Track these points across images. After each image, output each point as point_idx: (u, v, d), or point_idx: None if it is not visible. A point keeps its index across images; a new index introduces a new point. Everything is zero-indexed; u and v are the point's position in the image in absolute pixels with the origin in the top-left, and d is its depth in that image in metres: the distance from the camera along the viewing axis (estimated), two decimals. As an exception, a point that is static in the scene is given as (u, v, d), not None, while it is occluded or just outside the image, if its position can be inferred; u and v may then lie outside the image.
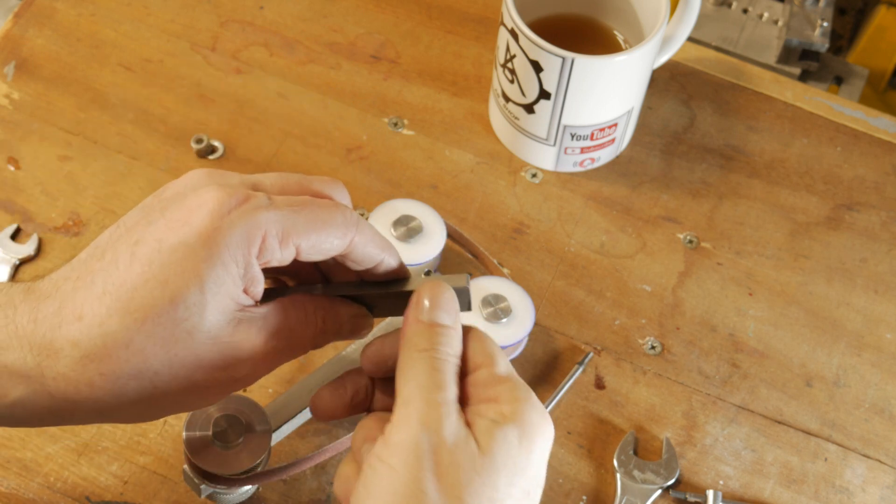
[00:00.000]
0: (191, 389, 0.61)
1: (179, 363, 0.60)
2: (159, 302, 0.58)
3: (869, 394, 0.84)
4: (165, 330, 0.59)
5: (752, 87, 0.97)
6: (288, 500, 0.77)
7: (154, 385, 0.60)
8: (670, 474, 0.79)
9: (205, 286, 0.59)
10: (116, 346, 0.59)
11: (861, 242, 0.90)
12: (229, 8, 0.97)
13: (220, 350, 0.60)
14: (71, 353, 0.59)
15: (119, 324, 0.59)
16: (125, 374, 0.59)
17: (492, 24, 0.98)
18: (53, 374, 0.59)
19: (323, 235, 0.61)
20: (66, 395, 0.60)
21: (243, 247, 0.59)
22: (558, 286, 0.87)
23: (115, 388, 0.60)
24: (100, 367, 0.59)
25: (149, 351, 0.59)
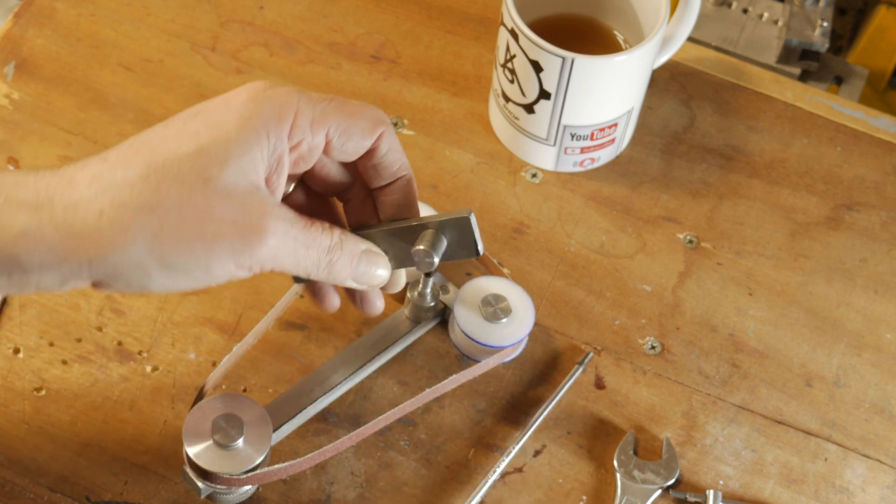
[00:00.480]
0: (198, 237, 0.62)
1: (192, 206, 0.61)
2: (185, 149, 0.62)
3: (869, 394, 0.84)
4: (183, 172, 0.61)
5: (752, 87, 0.97)
6: (288, 500, 0.77)
7: (161, 225, 0.61)
8: (670, 474, 0.79)
9: (230, 143, 0.62)
10: (133, 180, 0.61)
11: (861, 242, 0.90)
12: (229, 8, 0.97)
13: (232, 207, 0.62)
14: (88, 184, 0.61)
15: (141, 163, 0.62)
16: (135, 204, 0.61)
17: (492, 24, 0.98)
18: (64, 203, 0.61)
19: (353, 122, 0.66)
20: (72, 227, 0.61)
21: (275, 118, 0.63)
22: (558, 286, 0.87)
23: (124, 220, 0.61)
24: (112, 196, 0.61)
25: (164, 188, 0.61)
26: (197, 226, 0.62)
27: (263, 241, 0.63)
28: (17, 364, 0.81)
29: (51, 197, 0.62)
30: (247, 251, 0.63)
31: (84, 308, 0.83)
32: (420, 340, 0.83)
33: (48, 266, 0.62)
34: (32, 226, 0.61)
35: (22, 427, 0.78)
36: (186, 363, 0.81)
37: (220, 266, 0.63)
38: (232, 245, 0.63)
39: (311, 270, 0.67)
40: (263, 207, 0.64)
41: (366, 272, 0.70)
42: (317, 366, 0.81)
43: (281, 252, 0.64)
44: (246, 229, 0.63)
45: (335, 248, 0.67)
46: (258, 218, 0.63)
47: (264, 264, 0.64)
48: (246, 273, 0.64)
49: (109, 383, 0.80)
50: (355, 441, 0.75)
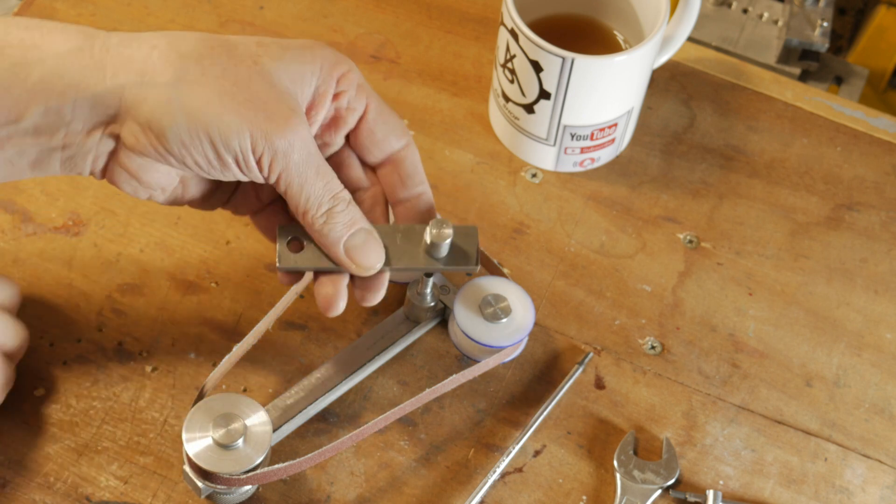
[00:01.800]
0: (230, 97, 0.64)
1: (234, 73, 0.64)
2: (246, 39, 0.66)
3: (869, 394, 0.84)
4: (238, 49, 0.65)
5: (752, 87, 0.97)
6: (288, 500, 0.77)
7: (203, 74, 0.64)
8: (670, 474, 0.79)
9: (288, 50, 0.67)
10: (193, 38, 0.65)
11: (861, 242, 0.90)
12: (229, 8, 0.97)
13: (269, 91, 0.64)
14: (150, 31, 0.65)
15: (204, 34, 0.66)
16: (186, 51, 0.64)
17: (492, 24, 0.98)
18: (121, 35, 0.64)
19: (390, 115, 0.70)
20: (122, 52, 0.64)
21: (331, 59, 0.68)
22: (558, 286, 0.87)
23: (171, 57, 0.64)
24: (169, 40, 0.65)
25: (216, 51, 0.65)
26: (233, 86, 0.64)
27: (286, 130, 0.65)
28: (17, 364, 0.81)
29: (108, 33, 0.65)
30: (265, 132, 0.64)
31: (84, 308, 0.83)
32: (420, 340, 0.83)
33: (86, 88, 0.63)
34: (85, 45, 0.64)
35: (22, 427, 0.78)
36: (186, 363, 0.81)
37: (238, 135, 0.64)
38: (255, 118, 0.64)
39: (311, 203, 0.67)
40: (294, 108, 0.66)
41: (358, 246, 0.70)
42: (317, 366, 0.81)
43: (294, 157, 0.65)
44: (274, 113, 0.64)
45: (341, 199, 0.68)
46: (287, 110, 0.65)
47: (275, 161, 0.65)
48: (254, 164, 0.65)
49: (109, 383, 0.80)
50: (355, 441, 0.75)
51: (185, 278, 0.85)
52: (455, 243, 0.72)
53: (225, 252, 0.86)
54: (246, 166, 0.65)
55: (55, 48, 0.63)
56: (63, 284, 0.84)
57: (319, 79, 0.68)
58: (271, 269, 0.85)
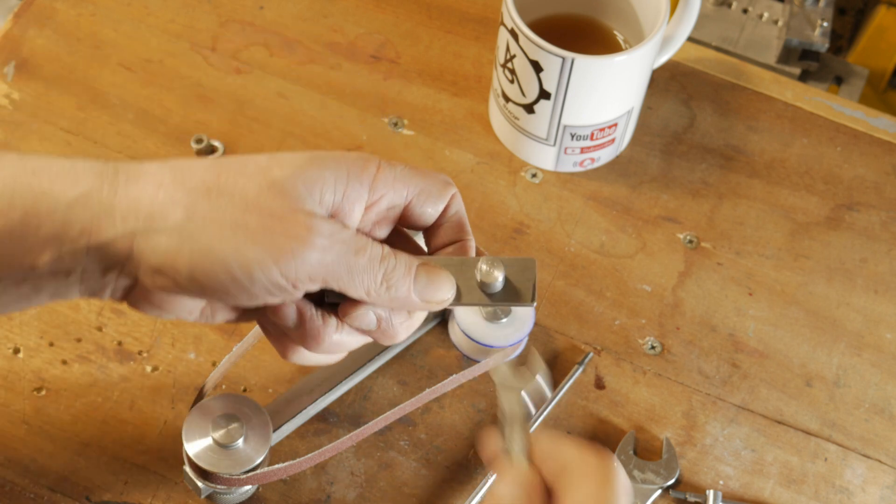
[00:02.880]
0: (242, 227, 0.61)
1: (243, 197, 0.61)
2: (258, 157, 0.63)
3: (869, 394, 0.84)
4: (248, 168, 0.62)
5: (752, 87, 0.97)
6: (288, 500, 0.77)
7: (212, 207, 0.61)
8: (670, 474, 0.79)
9: (304, 161, 0.63)
10: (199, 167, 0.63)
11: (861, 242, 0.90)
12: (229, 8, 0.97)
13: (282, 204, 0.61)
14: (156, 163, 0.63)
15: (212, 160, 0.63)
16: (193, 184, 0.62)
17: (492, 24, 0.98)
18: (128, 172, 0.62)
19: (430, 182, 0.66)
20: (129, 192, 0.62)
21: (358, 166, 0.64)
22: (558, 286, 0.87)
23: (177, 195, 0.61)
24: (174, 174, 0.62)
25: (224, 176, 0.62)
26: (244, 214, 0.61)
27: (310, 243, 0.61)
28: (17, 364, 0.81)
29: (117, 168, 0.62)
30: (291, 253, 0.60)
31: (84, 308, 0.83)
32: (420, 340, 0.83)
33: (98, 234, 0.61)
34: (94, 188, 0.62)
35: (22, 427, 0.78)
36: (186, 363, 0.81)
37: (260, 265, 0.60)
38: (275, 243, 0.60)
39: (367, 282, 0.63)
40: (311, 214, 0.62)
41: (428, 286, 0.65)
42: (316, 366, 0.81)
43: (329, 257, 0.61)
44: (292, 227, 0.61)
45: (388, 257, 0.63)
46: (305, 217, 0.61)
47: (313, 272, 0.61)
48: (290, 287, 0.61)
49: (109, 383, 0.80)
50: (355, 441, 0.75)
51: (185, 278, 0.84)
52: (509, 278, 0.66)
53: (225, 252, 0.85)
54: (280, 291, 0.62)
55: (65, 195, 0.61)
56: (63, 284, 0.84)
57: (347, 185, 0.63)
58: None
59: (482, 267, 0.65)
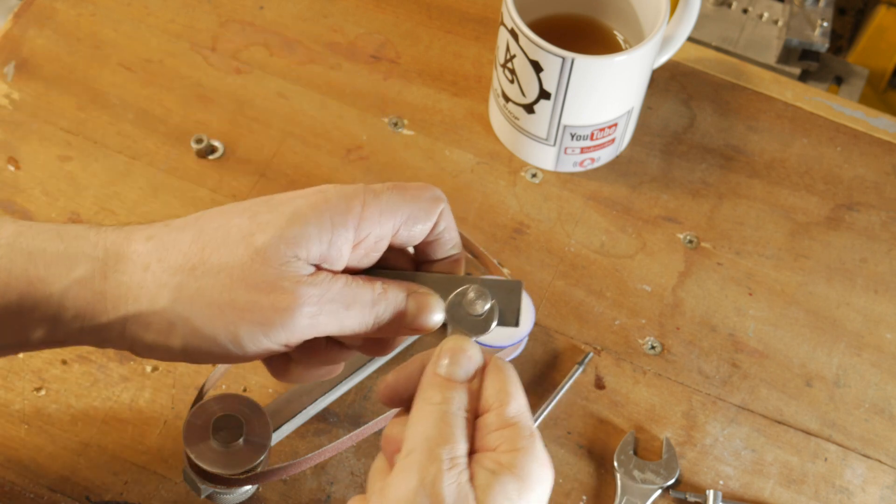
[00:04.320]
0: (229, 305, 0.61)
1: (228, 271, 0.61)
2: (239, 218, 0.63)
3: (869, 394, 0.84)
4: (230, 236, 0.62)
5: (752, 87, 0.97)
6: (288, 500, 0.77)
7: (198, 286, 0.62)
8: (670, 474, 0.79)
9: (286, 217, 0.62)
10: (184, 242, 0.63)
11: (861, 242, 0.90)
12: (229, 8, 0.97)
13: (267, 271, 0.61)
14: (143, 241, 0.64)
15: (196, 228, 0.64)
16: (178, 264, 0.62)
17: (492, 24, 0.98)
18: (117, 256, 0.63)
19: (417, 206, 0.65)
20: (119, 279, 0.63)
21: (342, 209, 0.63)
22: (558, 286, 0.87)
23: (163, 278, 0.62)
24: (161, 255, 0.63)
25: (207, 251, 0.62)
26: (230, 292, 0.62)
27: (298, 312, 0.62)
28: (17, 364, 0.81)
29: (107, 249, 0.63)
30: (279, 325, 0.62)
31: (84, 308, 0.83)
32: (420, 340, 0.83)
33: (90, 319, 0.63)
34: (87, 276, 0.63)
35: (22, 427, 0.78)
36: (186, 363, 0.81)
37: (251, 339, 0.62)
38: (263, 317, 0.61)
39: (359, 327, 0.64)
40: (298, 280, 0.62)
41: (418, 316, 0.65)
42: (317, 366, 0.81)
43: (320, 319, 0.62)
44: (279, 298, 0.61)
45: (379, 300, 0.64)
46: (292, 286, 0.62)
47: (304, 334, 0.62)
48: (283, 348, 0.63)
49: (109, 383, 0.80)
50: (355, 441, 0.75)
51: (185, 278, 0.84)
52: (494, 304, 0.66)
53: (225, 252, 0.85)
54: (274, 352, 0.63)
55: (59, 282, 0.63)
56: (63, 284, 0.84)
57: (332, 234, 0.63)
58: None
59: (470, 295, 0.65)
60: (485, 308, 0.64)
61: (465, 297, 0.65)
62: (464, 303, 0.65)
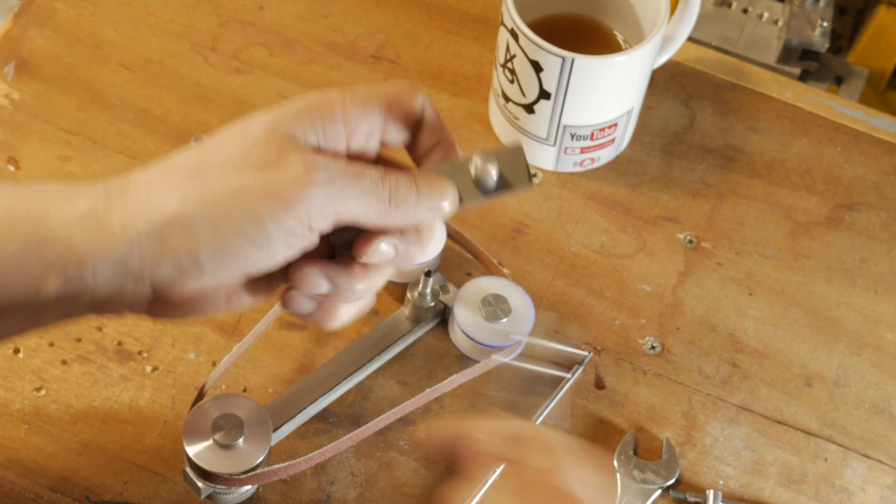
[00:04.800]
0: (243, 192, 0.61)
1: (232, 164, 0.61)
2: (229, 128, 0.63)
3: (869, 394, 0.84)
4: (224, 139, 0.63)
5: (752, 87, 0.97)
6: (288, 500, 0.77)
7: (205, 186, 0.61)
8: (670, 474, 0.79)
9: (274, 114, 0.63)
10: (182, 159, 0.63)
11: (861, 242, 0.90)
12: (229, 8, 0.97)
13: (269, 151, 0.61)
14: (142, 169, 0.63)
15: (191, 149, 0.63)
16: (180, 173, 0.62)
17: (492, 24, 0.98)
18: (118, 184, 0.63)
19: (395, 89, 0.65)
20: (125, 200, 0.61)
21: (325, 100, 0.63)
22: (558, 286, 0.87)
23: (168, 187, 0.61)
24: (161, 171, 0.62)
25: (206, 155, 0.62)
26: (239, 178, 0.61)
27: (312, 181, 0.61)
28: (17, 364, 0.81)
29: (107, 183, 0.62)
30: (296, 198, 0.60)
31: (84, 308, 0.83)
32: (420, 340, 0.83)
33: (101, 252, 0.61)
34: (90, 208, 0.61)
35: (22, 427, 0.78)
36: (186, 363, 0.81)
37: (274, 219, 0.60)
38: (278, 193, 0.60)
39: (377, 206, 0.63)
40: (302, 149, 0.62)
41: (432, 194, 0.64)
42: (317, 366, 0.81)
43: (335, 190, 0.61)
44: (290, 171, 0.61)
45: (388, 175, 0.63)
46: (299, 156, 0.61)
47: (324, 209, 0.61)
48: (306, 230, 0.61)
49: (109, 383, 0.80)
50: (355, 441, 0.75)
51: (185, 278, 0.84)
52: (502, 170, 0.66)
53: (225, 252, 0.85)
54: (296, 237, 0.62)
55: (63, 218, 0.61)
56: (63, 284, 0.84)
57: (323, 127, 0.63)
58: (271, 269, 0.85)
59: (477, 163, 0.65)
60: (495, 172, 0.64)
61: (474, 165, 0.64)
62: (473, 171, 0.64)
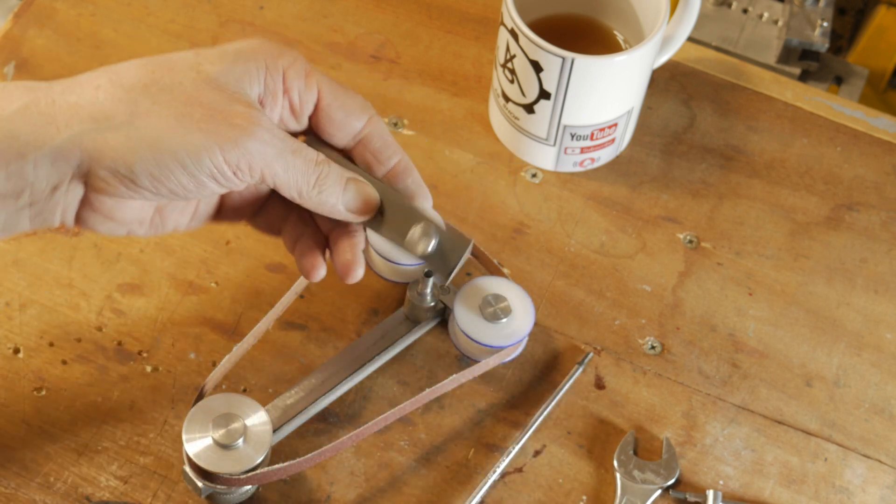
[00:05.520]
0: (187, 116, 0.63)
1: (182, 90, 0.63)
2: (182, 52, 0.66)
3: (869, 394, 0.84)
4: (178, 64, 0.65)
5: (752, 87, 0.97)
6: (288, 500, 0.77)
7: (154, 101, 0.63)
8: (670, 474, 0.79)
9: (226, 53, 0.65)
10: (131, 67, 0.65)
11: (861, 242, 0.90)
12: (229, 8, 0.97)
13: (220, 97, 0.64)
14: (87, 72, 0.64)
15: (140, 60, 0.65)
16: (130, 83, 0.64)
17: (492, 24, 0.98)
18: (62, 84, 0.64)
19: (346, 94, 0.70)
20: (68, 99, 0.63)
21: (273, 53, 0.66)
22: (558, 286, 0.87)
23: (118, 93, 0.63)
24: (109, 77, 0.64)
25: (158, 73, 0.64)
26: (186, 106, 0.63)
27: (251, 132, 0.64)
28: (17, 364, 0.81)
29: (49, 83, 0.64)
30: (233, 140, 0.63)
31: (84, 308, 0.83)
32: (420, 340, 0.83)
33: (42, 144, 0.62)
34: (30, 102, 0.63)
35: (22, 427, 0.78)
36: (186, 363, 0.81)
37: (207, 153, 0.63)
38: (218, 130, 0.63)
39: (300, 182, 0.67)
40: (250, 104, 0.65)
41: (355, 199, 0.69)
42: (317, 366, 0.81)
43: (269, 150, 0.65)
44: (234, 117, 0.64)
45: (323, 163, 0.67)
46: (245, 110, 0.64)
47: (253, 162, 0.64)
48: (231, 175, 0.64)
49: (109, 383, 0.80)
50: (355, 441, 0.75)
51: (185, 278, 0.85)
52: (442, 246, 0.69)
53: (225, 252, 0.85)
54: (224, 178, 0.65)
55: (3, 112, 0.62)
56: (63, 284, 0.84)
57: (266, 74, 0.67)
58: (271, 269, 0.85)
59: (415, 231, 0.66)
60: (427, 249, 0.65)
61: (413, 230, 0.66)
62: (411, 233, 0.66)
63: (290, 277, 0.85)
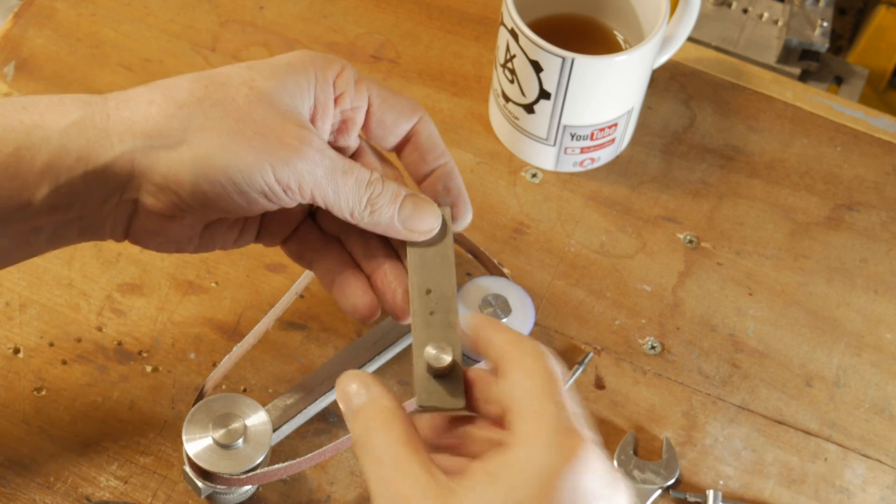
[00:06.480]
0: (238, 133, 0.63)
1: (235, 106, 0.63)
2: (235, 68, 0.65)
3: (869, 394, 0.84)
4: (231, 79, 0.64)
5: (752, 87, 0.97)
6: (288, 500, 0.77)
7: (206, 117, 0.63)
8: (670, 474, 0.79)
9: (279, 68, 0.65)
10: (185, 83, 0.64)
11: (861, 242, 0.90)
12: (229, 8, 0.97)
13: (272, 115, 0.64)
14: (142, 86, 0.65)
15: (194, 75, 0.65)
16: (184, 98, 0.63)
17: (492, 24, 0.98)
18: (117, 98, 0.64)
19: (395, 98, 0.69)
20: (122, 113, 0.63)
21: (322, 64, 0.66)
22: (558, 286, 0.87)
23: (170, 109, 0.63)
24: (163, 92, 0.64)
25: (211, 89, 0.64)
26: (239, 123, 0.63)
27: (302, 152, 0.63)
28: (17, 364, 0.81)
29: (104, 97, 0.64)
30: (284, 160, 0.63)
31: (84, 308, 0.83)
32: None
33: (95, 159, 0.62)
34: (86, 115, 0.63)
35: (22, 427, 0.78)
36: (186, 363, 0.81)
37: (259, 171, 0.63)
38: (269, 149, 0.63)
39: (352, 203, 0.65)
40: (302, 123, 0.65)
41: (413, 216, 0.67)
42: (317, 366, 0.81)
43: (319, 171, 0.64)
44: (286, 136, 0.63)
45: (375, 182, 0.66)
46: (297, 130, 0.64)
47: (303, 182, 0.64)
48: (282, 192, 0.64)
49: (109, 383, 0.80)
50: (355, 441, 0.75)
51: (185, 278, 0.85)
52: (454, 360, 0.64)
53: (225, 252, 0.85)
54: (275, 196, 0.64)
55: (57, 125, 0.62)
56: (63, 284, 0.84)
57: (316, 87, 0.66)
58: (271, 269, 0.85)
59: (429, 352, 0.63)
60: (441, 363, 0.63)
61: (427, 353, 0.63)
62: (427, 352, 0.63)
63: (290, 277, 0.85)
